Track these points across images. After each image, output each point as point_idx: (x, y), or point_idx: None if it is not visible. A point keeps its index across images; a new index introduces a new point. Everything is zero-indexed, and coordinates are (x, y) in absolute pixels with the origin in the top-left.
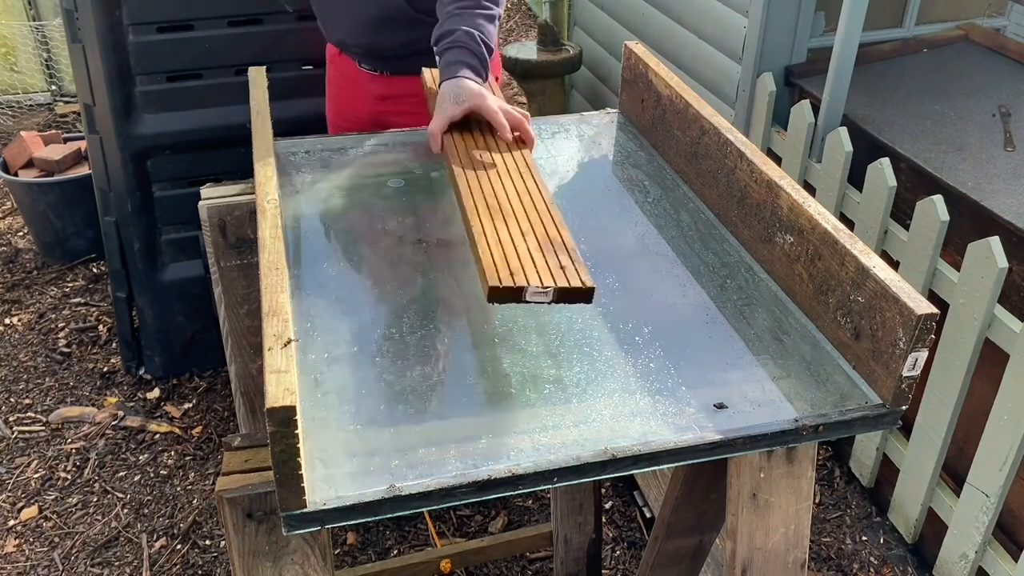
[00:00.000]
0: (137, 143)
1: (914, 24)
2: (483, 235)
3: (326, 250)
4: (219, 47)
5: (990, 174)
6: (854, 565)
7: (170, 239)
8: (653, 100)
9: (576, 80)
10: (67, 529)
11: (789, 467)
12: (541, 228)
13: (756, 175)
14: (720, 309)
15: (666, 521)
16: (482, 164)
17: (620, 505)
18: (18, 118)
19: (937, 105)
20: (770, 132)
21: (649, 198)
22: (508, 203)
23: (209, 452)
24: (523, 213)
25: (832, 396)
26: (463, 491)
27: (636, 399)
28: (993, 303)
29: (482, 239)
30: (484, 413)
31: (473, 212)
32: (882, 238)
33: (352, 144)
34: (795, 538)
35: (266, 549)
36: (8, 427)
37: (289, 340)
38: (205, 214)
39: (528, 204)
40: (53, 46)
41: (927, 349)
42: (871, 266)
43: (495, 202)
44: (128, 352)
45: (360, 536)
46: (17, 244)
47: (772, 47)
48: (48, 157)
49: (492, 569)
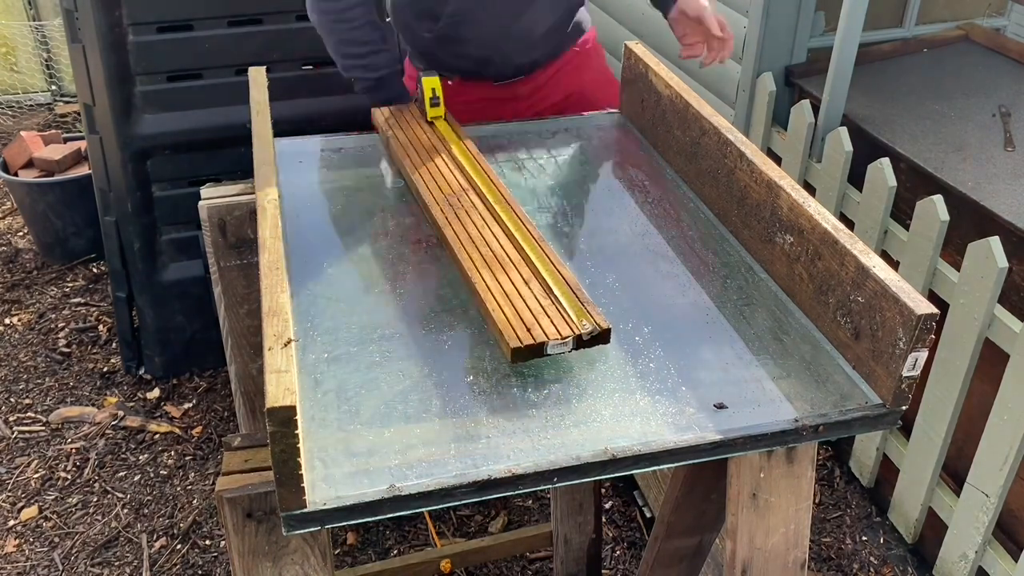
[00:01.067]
0: (137, 143)
1: (914, 24)
2: (488, 291)
3: (326, 250)
4: (219, 47)
5: (990, 174)
6: (854, 565)
7: (170, 239)
8: (653, 100)
9: None
10: (67, 529)
11: (789, 467)
12: (541, 272)
13: (756, 175)
14: (720, 309)
15: (666, 521)
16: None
17: (620, 505)
18: (18, 118)
19: (937, 105)
20: (770, 132)
21: (649, 198)
22: (501, 249)
23: (209, 452)
24: (519, 259)
25: (832, 396)
26: (463, 491)
27: (636, 399)
28: (993, 303)
29: (488, 296)
30: (484, 413)
31: (471, 267)
32: (882, 238)
33: (352, 144)
34: (795, 538)
35: (266, 549)
36: (8, 427)
37: (289, 340)
38: (205, 214)
39: (520, 247)
40: (53, 46)
41: (927, 349)
42: (871, 266)
43: (488, 250)
44: (128, 352)
45: (360, 536)
46: (17, 244)
47: (772, 47)
48: (48, 157)
49: (492, 569)
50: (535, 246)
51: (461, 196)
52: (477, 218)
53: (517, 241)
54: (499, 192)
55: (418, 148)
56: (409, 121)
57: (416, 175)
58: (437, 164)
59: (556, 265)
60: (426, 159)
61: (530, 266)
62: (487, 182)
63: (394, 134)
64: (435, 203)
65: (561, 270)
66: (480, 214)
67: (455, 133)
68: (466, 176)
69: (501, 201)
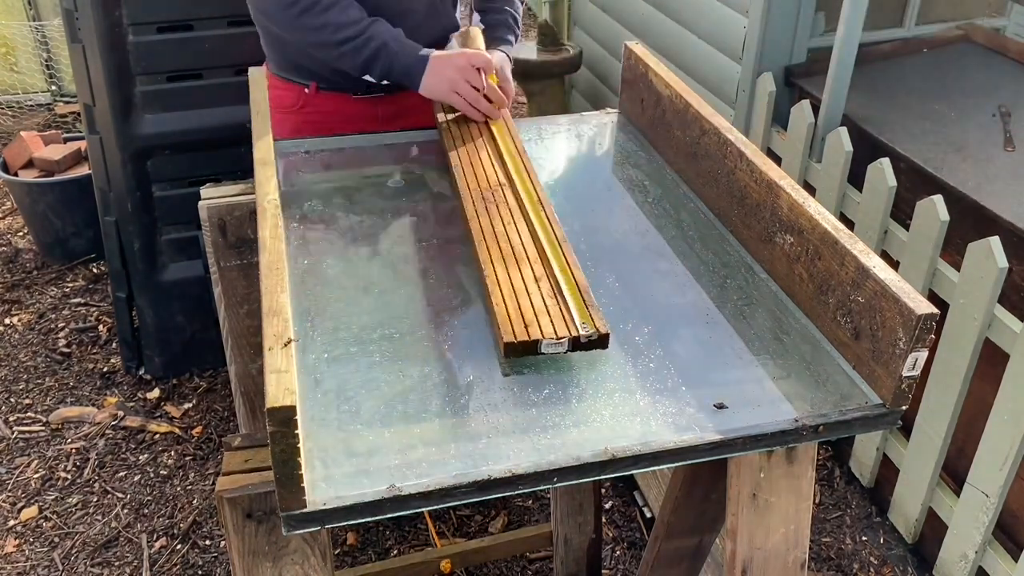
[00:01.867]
0: (137, 143)
1: (914, 24)
2: (496, 285)
3: (326, 250)
4: (219, 47)
5: (990, 174)
6: (854, 565)
7: (170, 239)
8: (653, 100)
9: (576, 80)
10: (67, 529)
11: (789, 467)
12: (554, 272)
13: (756, 175)
14: (720, 309)
15: (666, 521)
16: (495, 203)
17: (620, 505)
18: (18, 118)
19: (937, 105)
20: (770, 132)
21: (649, 198)
22: (521, 246)
23: (209, 452)
24: (536, 256)
25: (832, 396)
26: (463, 491)
27: (636, 399)
28: (993, 303)
29: (496, 290)
30: (484, 413)
31: (487, 261)
32: (882, 238)
33: (352, 144)
34: (795, 538)
35: (266, 549)
36: (8, 427)
37: (289, 340)
38: (205, 214)
39: (541, 245)
40: (53, 46)
41: (927, 349)
42: (871, 266)
43: (508, 246)
44: (128, 352)
45: (360, 536)
46: (17, 244)
47: (772, 47)
48: (48, 157)
49: (492, 569)
50: (556, 246)
51: (496, 192)
52: (506, 213)
53: (539, 240)
54: (535, 191)
55: (467, 141)
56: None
57: (459, 167)
58: (481, 158)
59: (571, 266)
60: (472, 153)
61: (545, 265)
62: (524, 180)
63: (448, 126)
64: (469, 196)
65: (575, 271)
66: (510, 210)
67: (508, 130)
68: (507, 173)
69: (534, 200)
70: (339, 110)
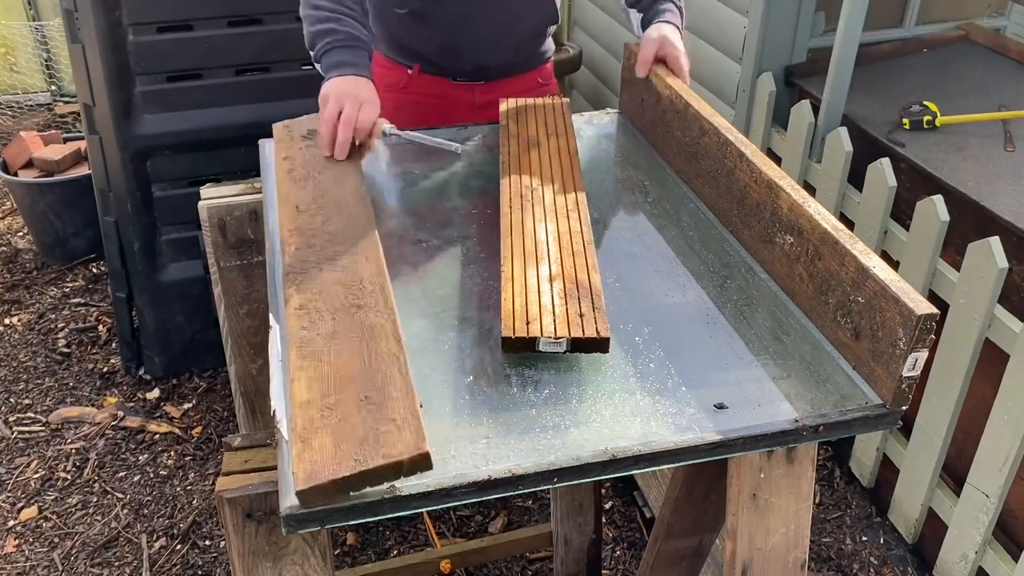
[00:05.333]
0: (137, 143)
1: (914, 24)
2: (510, 281)
3: None
4: (219, 47)
5: (990, 174)
6: (854, 565)
7: (170, 239)
8: (653, 100)
9: (576, 80)
10: (67, 529)
11: (789, 467)
12: (572, 272)
13: (756, 175)
14: (720, 309)
15: (666, 521)
16: (531, 201)
17: (620, 505)
18: (18, 118)
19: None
20: (770, 132)
21: (649, 198)
22: (546, 244)
23: (209, 452)
24: (557, 255)
25: (832, 396)
26: (463, 491)
27: (636, 399)
28: (993, 303)
29: (508, 285)
30: (484, 413)
31: (508, 257)
32: (882, 238)
33: None
34: (795, 538)
35: (266, 549)
36: (8, 427)
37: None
38: (205, 214)
39: (566, 245)
40: (53, 46)
41: (927, 349)
42: (871, 266)
43: (532, 243)
44: (128, 352)
45: (360, 536)
46: (17, 244)
47: (772, 47)
48: (48, 157)
49: (492, 569)
50: (581, 248)
51: (535, 191)
52: (539, 212)
53: (568, 237)
54: (575, 193)
55: (521, 140)
56: (527, 114)
57: (507, 164)
58: (531, 158)
59: (589, 269)
60: (523, 151)
61: (563, 264)
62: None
63: (507, 123)
64: (508, 193)
65: (591, 274)
66: (544, 209)
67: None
68: (551, 173)
69: (571, 200)
70: (439, 93)
